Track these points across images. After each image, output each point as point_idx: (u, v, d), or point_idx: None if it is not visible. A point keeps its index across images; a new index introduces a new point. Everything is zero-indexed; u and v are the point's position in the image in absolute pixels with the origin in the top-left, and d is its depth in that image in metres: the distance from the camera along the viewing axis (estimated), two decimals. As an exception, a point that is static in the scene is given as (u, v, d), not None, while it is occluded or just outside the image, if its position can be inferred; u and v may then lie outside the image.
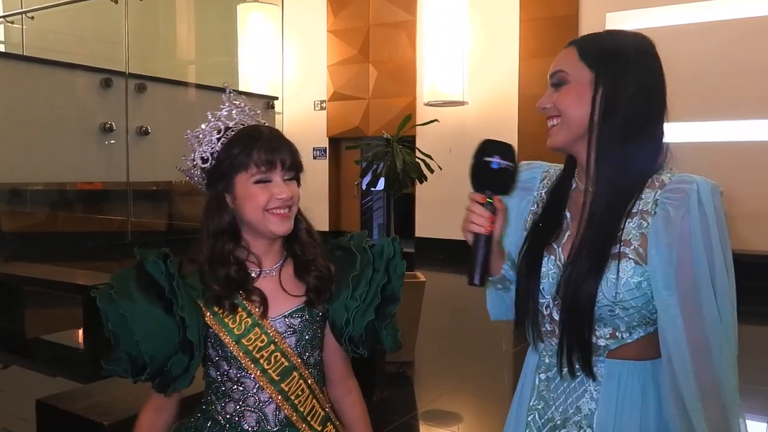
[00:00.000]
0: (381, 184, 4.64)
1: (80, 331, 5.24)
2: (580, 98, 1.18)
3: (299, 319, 1.28)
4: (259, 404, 1.26)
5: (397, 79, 10.18)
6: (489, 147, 1.20)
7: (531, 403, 1.29)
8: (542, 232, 1.27)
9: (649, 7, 8.25)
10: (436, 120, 5.50)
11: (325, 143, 11.05)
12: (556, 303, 1.22)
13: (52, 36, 5.97)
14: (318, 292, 1.29)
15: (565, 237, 1.25)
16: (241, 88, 9.01)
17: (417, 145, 5.67)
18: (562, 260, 1.23)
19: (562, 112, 1.20)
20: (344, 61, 10.68)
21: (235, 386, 1.26)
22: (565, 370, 1.21)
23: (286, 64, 10.98)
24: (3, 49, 7.27)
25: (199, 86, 4.76)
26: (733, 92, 7.68)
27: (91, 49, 4.71)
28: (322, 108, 11.02)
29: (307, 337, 1.30)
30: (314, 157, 11.14)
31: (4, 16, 7.39)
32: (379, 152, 4.63)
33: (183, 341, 1.18)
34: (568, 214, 1.27)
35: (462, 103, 9.07)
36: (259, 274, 1.28)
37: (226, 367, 1.26)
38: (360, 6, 10.44)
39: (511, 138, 9.27)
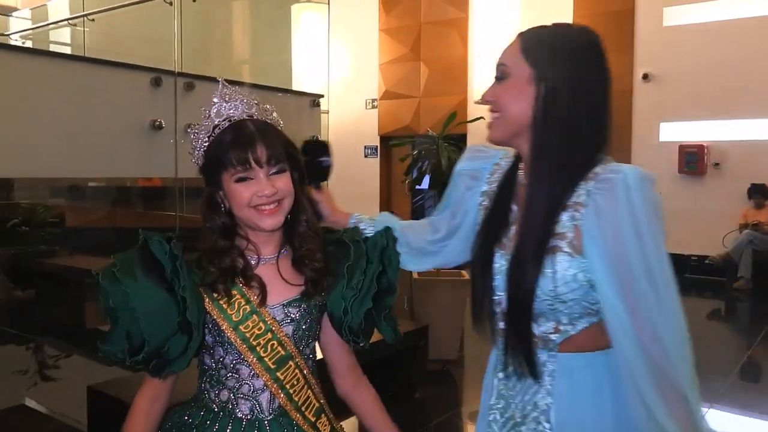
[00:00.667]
0: (426, 182, 4.64)
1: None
2: (519, 94, 1.18)
3: (297, 309, 1.29)
4: (253, 392, 1.26)
5: (449, 77, 10.14)
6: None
7: (491, 402, 1.31)
8: (492, 228, 1.27)
9: (707, 1, 7.98)
10: (482, 117, 5.46)
11: (376, 142, 11.11)
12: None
13: (111, 38, 6.21)
14: (315, 284, 1.29)
15: (512, 231, 1.24)
16: (294, 87, 9.14)
17: (467, 144, 5.64)
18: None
19: (500, 106, 1.20)
20: (396, 59, 10.71)
21: (230, 374, 1.26)
22: (512, 368, 1.22)
23: (339, 63, 11.07)
24: (69, 51, 7.61)
25: (244, 84, 4.88)
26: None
27: (146, 49, 4.87)
28: (373, 106, 11.08)
29: (304, 327, 1.30)
30: (365, 156, 11.21)
31: (67, 20, 7.73)
32: (425, 150, 4.63)
33: (183, 322, 1.18)
34: (514, 207, 1.26)
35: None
36: (258, 262, 1.29)
37: (222, 354, 1.26)
38: (412, 4, 10.45)
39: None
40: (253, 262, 1.28)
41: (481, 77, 8.99)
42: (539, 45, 1.19)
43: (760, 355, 5.16)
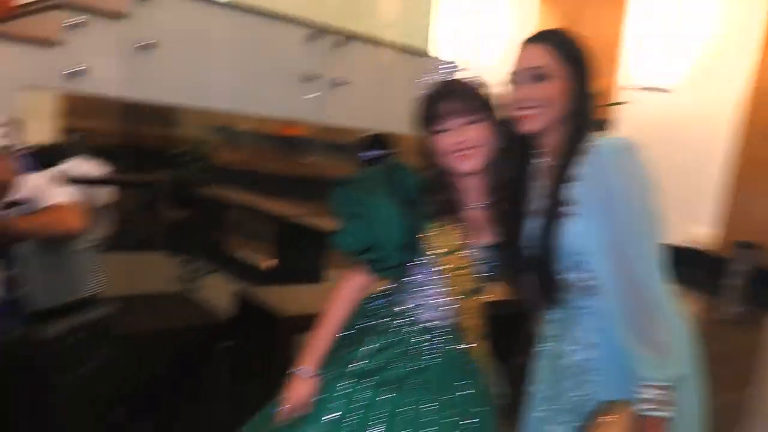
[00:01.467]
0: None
1: (274, 253, 5.85)
2: (563, 91, 1.41)
3: (489, 254, 1.49)
4: (436, 308, 1.50)
5: (599, 56, 9.77)
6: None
7: (543, 343, 1.60)
8: (518, 204, 1.51)
9: None
10: (622, 103, 5.36)
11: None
12: None
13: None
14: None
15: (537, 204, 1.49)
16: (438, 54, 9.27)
17: (608, 130, 5.50)
18: None
19: (549, 102, 1.41)
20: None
21: (422, 289, 1.49)
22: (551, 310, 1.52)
23: (495, 34, 11.01)
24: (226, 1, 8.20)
25: (390, 45, 5.16)
26: None
27: (303, 6, 5.18)
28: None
29: (488, 270, 1.51)
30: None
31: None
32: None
33: (409, 241, 1.41)
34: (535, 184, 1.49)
35: (669, 91, 8.50)
36: (466, 207, 1.49)
37: (420, 274, 1.48)
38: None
39: (726, 134, 8.10)
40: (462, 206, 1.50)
41: (635, 60, 8.44)
42: (571, 50, 1.44)
43: None
